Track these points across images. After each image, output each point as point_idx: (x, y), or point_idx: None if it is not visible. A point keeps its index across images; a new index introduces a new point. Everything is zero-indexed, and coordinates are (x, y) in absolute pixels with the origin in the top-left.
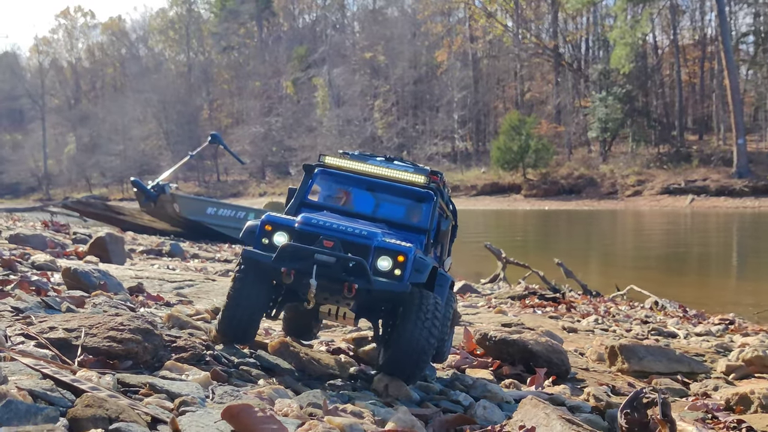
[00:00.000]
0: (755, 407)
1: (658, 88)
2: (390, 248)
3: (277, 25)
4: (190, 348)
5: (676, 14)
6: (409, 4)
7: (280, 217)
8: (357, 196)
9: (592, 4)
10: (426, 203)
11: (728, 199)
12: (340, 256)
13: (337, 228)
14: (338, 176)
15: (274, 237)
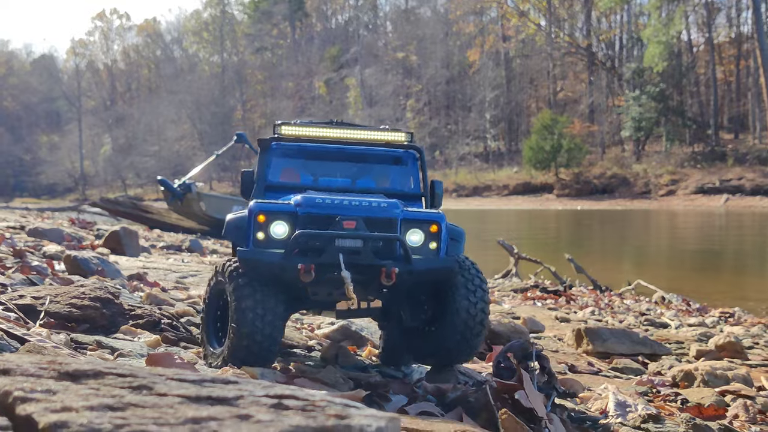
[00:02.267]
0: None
1: (692, 87)
2: (420, 218)
3: (309, 25)
4: (146, 316)
5: (711, 12)
6: (441, 3)
7: (272, 203)
8: (330, 169)
9: (625, 2)
10: (412, 164)
11: (764, 198)
12: (369, 237)
13: (351, 204)
14: (302, 149)
15: (272, 228)
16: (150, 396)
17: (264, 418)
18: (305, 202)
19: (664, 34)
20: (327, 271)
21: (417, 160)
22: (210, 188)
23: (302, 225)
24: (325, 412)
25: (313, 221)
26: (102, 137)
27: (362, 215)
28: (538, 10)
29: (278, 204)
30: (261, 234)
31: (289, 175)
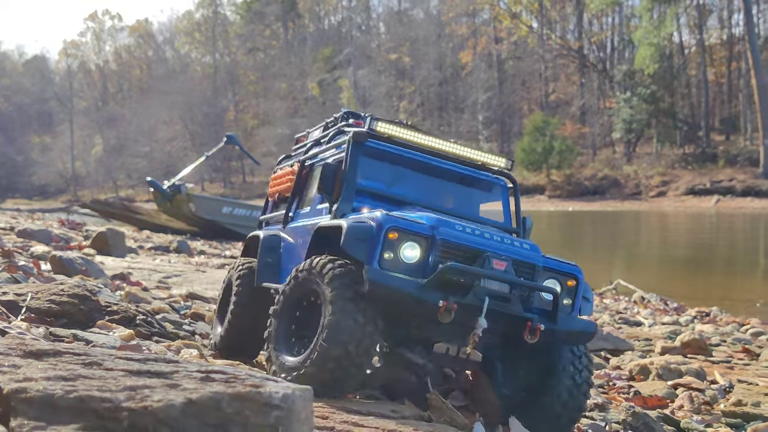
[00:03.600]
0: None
1: (684, 89)
2: (559, 269)
3: (302, 26)
4: (122, 312)
5: (703, 13)
6: (434, 5)
7: (405, 219)
8: (415, 181)
9: (616, 4)
10: (503, 194)
11: (754, 199)
12: (520, 284)
13: (495, 240)
14: (393, 153)
15: (402, 249)
16: (99, 370)
17: (189, 386)
18: (443, 227)
19: (655, 36)
20: (467, 314)
21: (509, 189)
22: (202, 189)
23: (439, 253)
24: (244, 383)
25: (451, 251)
26: (93, 138)
27: (511, 256)
28: (530, 12)
29: (412, 222)
30: (389, 253)
31: (373, 179)
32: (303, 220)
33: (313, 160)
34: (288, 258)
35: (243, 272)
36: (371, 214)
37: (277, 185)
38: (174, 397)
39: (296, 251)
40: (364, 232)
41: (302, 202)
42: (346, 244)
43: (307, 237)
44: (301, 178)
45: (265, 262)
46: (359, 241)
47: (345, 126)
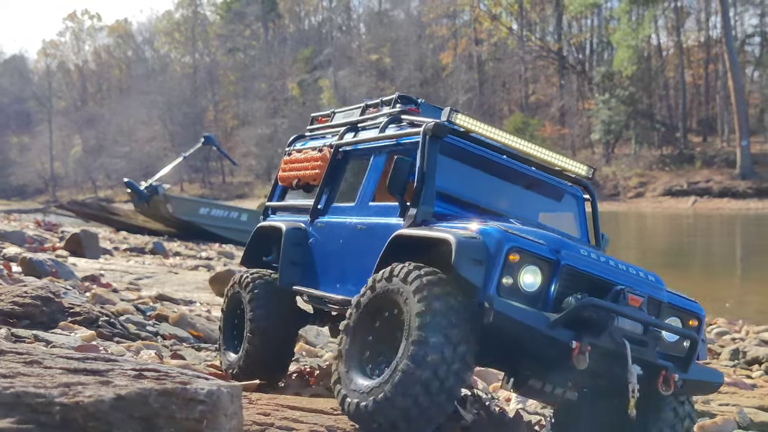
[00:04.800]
0: None
1: (661, 90)
2: (682, 306)
3: (282, 26)
4: (85, 313)
5: (681, 16)
6: (414, 6)
7: (526, 238)
8: (491, 187)
9: (595, 6)
10: (579, 205)
11: (731, 200)
12: (663, 327)
13: (629, 271)
14: (473, 152)
15: (522, 275)
16: (38, 368)
17: (121, 383)
18: (567, 250)
19: (633, 38)
20: (600, 359)
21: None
22: (181, 190)
23: (562, 282)
24: (173, 380)
25: (577, 281)
26: (72, 138)
27: (647, 291)
28: (510, 14)
29: (534, 243)
30: (508, 279)
31: (445, 180)
32: (349, 217)
33: (356, 147)
34: (323, 259)
35: (256, 288)
36: (479, 227)
37: (295, 170)
38: (104, 393)
39: (337, 252)
40: (481, 250)
41: (339, 195)
42: (458, 263)
43: (363, 239)
44: (336, 165)
45: (291, 260)
46: (474, 261)
47: (401, 113)
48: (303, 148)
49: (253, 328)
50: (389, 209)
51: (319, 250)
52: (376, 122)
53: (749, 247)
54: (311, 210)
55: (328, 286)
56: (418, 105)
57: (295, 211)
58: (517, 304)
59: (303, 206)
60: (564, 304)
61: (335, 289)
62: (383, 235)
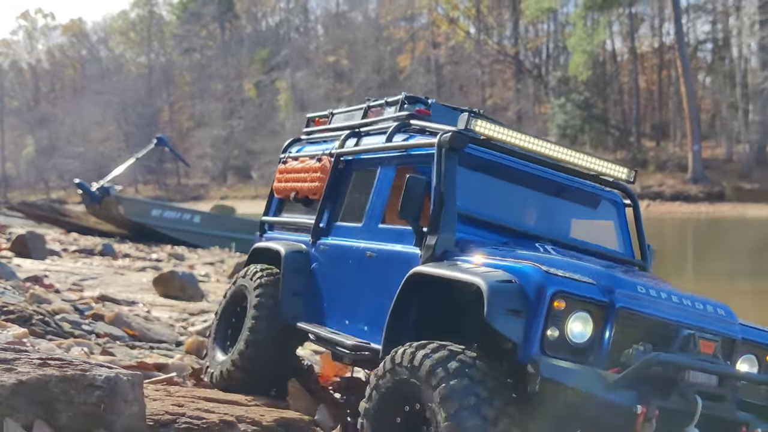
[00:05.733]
0: None
1: (616, 95)
2: (758, 340)
3: (239, 27)
4: (18, 312)
5: (635, 22)
6: (372, 8)
7: (572, 279)
8: (520, 200)
9: (551, 11)
10: (620, 213)
11: (683, 204)
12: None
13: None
14: (498, 163)
15: (570, 325)
16: None
17: (23, 370)
18: (621, 288)
19: (588, 43)
20: (669, 422)
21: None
22: (135, 191)
23: (621, 328)
24: (74, 368)
25: (636, 326)
26: (25, 138)
27: (720, 332)
28: (468, 18)
29: (582, 284)
30: (553, 331)
31: (467, 197)
32: (356, 241)
33: (359, 156)
34: (329, 289)
35: (265, 287)
36: (514, 265)
37: (292, 181)
38: (6, 379)
39: (345, 282)
40: (520, 298)
41: (343, 212)
42: (492, 316)
43: (374, 269)
44: (338, 178)
45: (293, 290)
46: (512, 313)
47: (409, 117)
48: (300, 155)
49: (251, 338)
50: (403, 235)
51: (324, 277)
52: (382, 127)
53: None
54: (313, 229)
55: (336, 322)
56: (428, 106)
57: (295, 229)
58: (566, 364)
59: (303, 223)
60: (623, 357)
61: (344, 327)
62: (398, 266)
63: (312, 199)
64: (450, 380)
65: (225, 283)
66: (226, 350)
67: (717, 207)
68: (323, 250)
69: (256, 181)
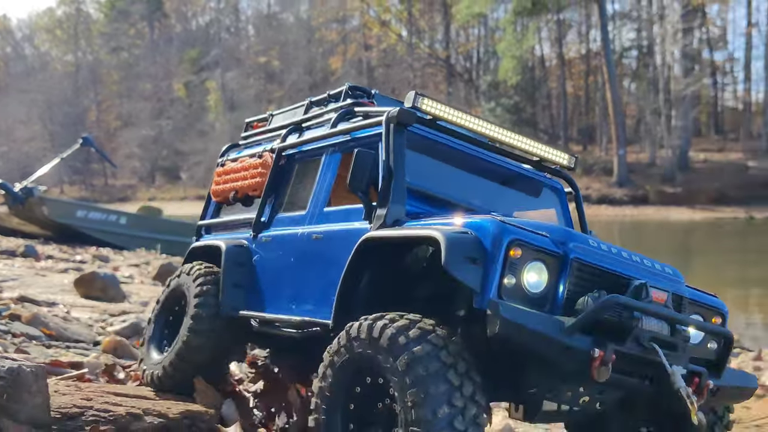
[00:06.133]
0: None
1: (544, 100)
2: (704, 302)
3: (168, 26)
4: None
5: (563, 28)
6: (304, 9)
7: (525, 230)
8: (454, 179)
9: (481, 16)
10: (561, 201)
11: (609, 207)
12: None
13: (637, 260)
14: (439, 143)
15: (525, 273)
16: None
17: None
18: (574, 241)
19: (517, 48)
20: (625, 368)
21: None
22: (61, 192)
23: (572, 279)
24: None
25: (589, 278)
26: None
27: (669, 288)
28: (400, 21)
29: (536, 235)
30: (510, 279)
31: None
32: (301, 227)
33: (302, 148)
34: (273, 277)
35: (205, 283)
36: (469, 220)
37: (231, 182)
38: None
39: (291, 268)
40: (476, 247)
41: (286, 204)
42: (450, 263)
43: (322, 250)
44: (280, 172)
45: (234, 282)
46: (468, 260)
47: (354, 105)
48: (239, 157)
49: (194, 327)
50: (350, 213)
51: (266, 268)
52: (325, 119)
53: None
54: (254, 224)
55: (282, 307)
56: (372, 96)
57: (234, 228)
58: (524, 308)
59: (243, 221)
60: (578, 305)
61: (291, 311)
62: (347, 243)
63: (252, 196)
64: (412, 347)
65: (149, 284)
66: (162, 350)
67: (641, 210)
68: (265, 241)
69: (185, 182)
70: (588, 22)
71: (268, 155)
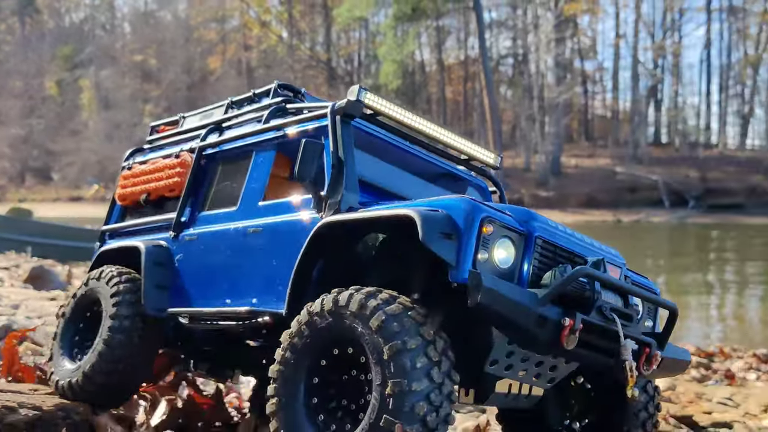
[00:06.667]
0: None
1: (425, 105)
2: (641, 282)
3: (41, 22)
4: None
5: (442, 34)
6: (182, 8)
7: (494, 208)
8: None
9: (362, 19)
10: (487, 198)
11: None
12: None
13: (596, 246)
14: (376, 137)
15: (495, 248)
16: None
17: None
18: (536, 222)
19: (398, 53)
20: (589, 337)
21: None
22: None
23: (539, 256)
24: None
25: (551, 256)
26: None
27: (619, 265)
28: (280, 22)
29: (503, 214)
30: (483, 254)
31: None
32: (232, 223)
33: (227, 147)
34: (203, 273)
35: (122, 283)
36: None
37: (141, 184)
38: None
39: (225, 263)
40: (450, 224)
41: (210, 202)
42: (428, 238)
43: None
44: (202, 171)
45: (156, 283)
46: (445, 236)
47: (285, 101)
48: (149, 159)
49: (115, 326)
50: (291, 205)
51: (193, 266)
52: (253, 117)
53: None
54: (174, 224)
55: (221, 301)
56: (302, 95)
57: (147, 231)
58: (502, 280)
59: (157, 223)
60: (544, 280)
61: (233, 303)
62: (294, 233)
63: (169, 197)
64: (394, 321)
65: (19, 287)
66: (75, 359)
67: None
68: (190, 240)
69: (57, 183)
70: (466, 29)
71: (187, 155)
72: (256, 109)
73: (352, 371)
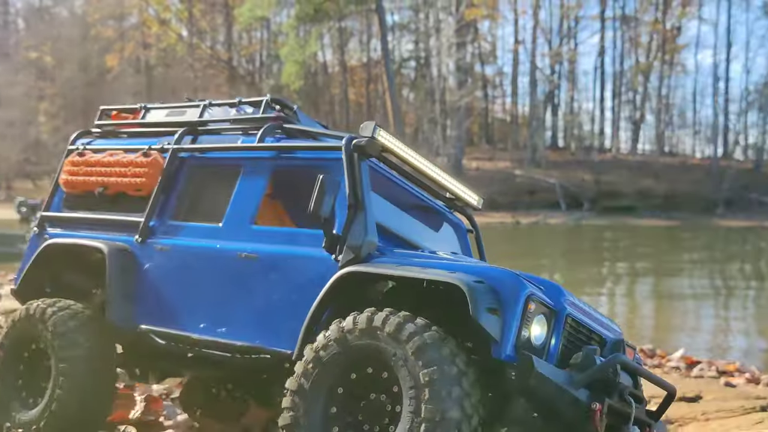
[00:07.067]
0: None
1: (327, 106)
2: (627, 343)
3: None
4: None
5: (344, 36)
6: (79, 5)
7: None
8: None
9: (263, 19)
10: (462, 238)
11: None
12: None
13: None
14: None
15: (533, 326)
16: None
17: None
18: (564, 297)
19: (300, 54)
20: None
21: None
22: None
23: (567, 333)
24: None
25: (575, 333)
26: None
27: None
28: (180, 21)
29: (540, 290)
30: (525, 331)
31: None
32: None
33: (210, 155)
34: (177, 291)
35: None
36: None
37: (97, 175)
38: None
39: (210, 286)
40: (497, 298)
41: (185, 212)
42: (477, 313)
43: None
44: (175, 175)
45: (123, 293)
46: (491, 312)
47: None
48: (107, 149)
49: (67, 373)
50: (298, 236)
51: (168, 280)
52: (238, 127)
53: None
54: (141, 227)
55: (202, 329)
56: (294, 112)
57: (101, 228)
58: (548, 363)
59: (117, 222)
60: (573, 359)
61: (218, 334)
62: (304, 270)
63: (134, 196)
64: (433, 348)
65: None
66: (27, 404)
67: None
68: (162, 250)
69: None
70: (369, 31)
71: (158, 155)
72: (242, 120)
73: (372, 394)
